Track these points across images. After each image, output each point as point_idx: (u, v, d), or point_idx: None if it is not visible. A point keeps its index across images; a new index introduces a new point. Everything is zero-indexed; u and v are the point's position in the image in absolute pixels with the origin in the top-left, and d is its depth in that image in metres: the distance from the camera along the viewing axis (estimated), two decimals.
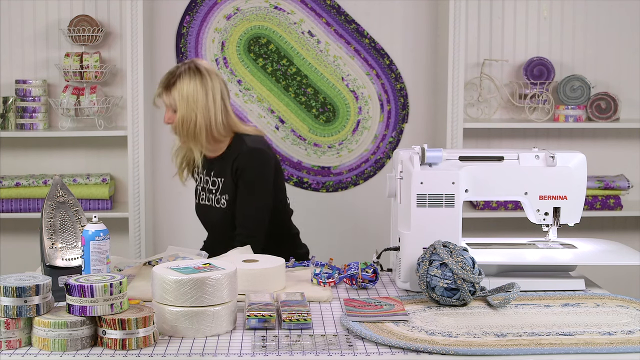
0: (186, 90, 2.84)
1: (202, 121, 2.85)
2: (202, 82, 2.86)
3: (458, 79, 3.97)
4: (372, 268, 2.47)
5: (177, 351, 1.91)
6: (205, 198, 3.00)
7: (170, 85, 2.87)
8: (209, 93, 2.86)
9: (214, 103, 2.86)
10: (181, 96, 2.84)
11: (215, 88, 2.88)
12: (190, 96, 2.84)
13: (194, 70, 2.87)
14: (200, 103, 2.85)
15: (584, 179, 2.50)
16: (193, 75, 2.86)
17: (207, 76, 2.88)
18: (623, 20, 4.24)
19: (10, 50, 4.12)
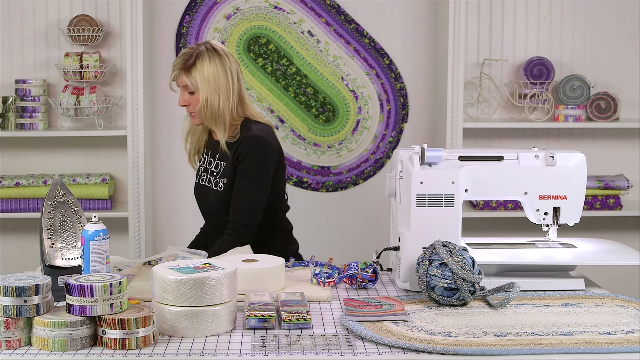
0: (207, 71, 2.78)
1: (226, 102, 2.80)
2: (221, 62, 2.80)
3: (458, 79, 3.97)
4: (372, 268, 2.47)
5: (177, 351, 1.91)
6: (205, 179, 2.94)
7: (190, 66, 2.79)
8: (229, 74, 2.81)
9: (232, 84, 2.81)
10: (203, 77, 2.78)
11: (233, 69, 2.83)
12: (212, 77, 2.78)
13: (212, 51, 2.81)
14: (222, 84, 2.79)
15: (584, 179, 2.50)
16: (212, 56, 2.80)
17: (225, 57, 2.82)
18: (623, 20, 4.24)
19: (10, 50, 4.12)
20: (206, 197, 2.94)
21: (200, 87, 2.78)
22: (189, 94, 2.83)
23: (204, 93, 2.78)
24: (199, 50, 2.81)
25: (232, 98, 2.81)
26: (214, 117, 2.80)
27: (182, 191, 4.27)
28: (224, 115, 2.80)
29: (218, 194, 2.86)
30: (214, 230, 2.91)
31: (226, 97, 2.80)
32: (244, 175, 2.79)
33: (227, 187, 2.83)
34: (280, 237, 2.96)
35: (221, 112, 2.80)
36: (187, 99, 2.83)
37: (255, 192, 2.80)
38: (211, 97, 2.78)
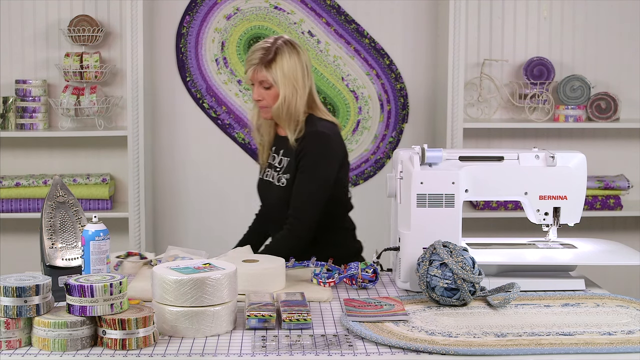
0: (287, 67, 2.74)
1: (301, 99, 2.77)
2: (299, 58, 2.77)
3: (458, 79, 3.97)
4: (372, 268, 2.47)
5: (177, 351, 1.91)
6: (269, 174, 2.91)
7: (270, 60, 2.74)
8: (305, 70, 2.78)
9: (306, 80, 2.79)
10: (283, 73, 2.74)
11: (308, 64, 2.80)
12: (292, 73, 2.75)
13: (290, 46, 2.77)
14: (299, 81, 2.76)
15: (584, 179, 2.50)
16: (291, 50, 2.76)
17: (302, 52, 2.79)
18: (623, 20, 4.24)
19: (10, 50, 4.12)
20: (268, 192, 2.92)
21: (280, 83, 2.75)
22: (264, 88, 2.78)
23: (283, 89, 2.75)
24: (278, 45, 2.77)
25: (305, 94, 2.79)
26: (289, 114, 2.77)
27: (182, 191, 4.27)
28: (298, 112, 2.78)
29: (280, 189, 2.83)
30: (275, 225, 2.87)
31: (302, 94, 2.77)
32: (304, 171, 2.75)
33: (289, 182, 2.80)
34: (343, 235, 2.93)
35: (297, 110, 2.77)
36: (262, 93, 2.78)
37: (314, 189, 2.76)
38: (289, 94, 2.75)
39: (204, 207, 4.30)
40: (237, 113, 4.24)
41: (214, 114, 4.24)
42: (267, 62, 2.75)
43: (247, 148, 4.26)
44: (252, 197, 4.27)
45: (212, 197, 4.29)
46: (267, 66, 2.75)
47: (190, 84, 4.23)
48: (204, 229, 4.28)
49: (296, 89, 2.75)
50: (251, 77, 2.79)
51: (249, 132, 4.25)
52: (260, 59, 2.75)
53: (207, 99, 4.24)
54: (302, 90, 2.77)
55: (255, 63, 2.76)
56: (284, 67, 2.74)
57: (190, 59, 4.21)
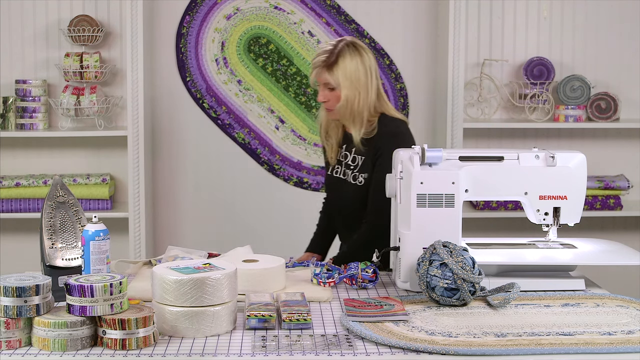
0: (349, 69, 2.80)
1: (365, 100, 2.82)
2: (362, 60, 2.83)
3: (458, 79, 3.97)
4: (372, 268, 2.47)
5: (177, 351, 1.91)
6: (340, 172, 2.94)
7: (332, 63, 2.81)
8: (368, 71, 2.83)
9: (371, 81, 2.83)
10: (345, 75, 2.80)
11: (372, 66, 2.85)
12: (354, 75, 2.81)
13: (352, 48, 2.83)
14: (362, 82, 2.81)
15: (584, 179, 2.50)
16: (353, 52, 2.82)
17: (365, 54, 2.84)
18: (623, 20, 4.24)
19: (10, 50, 4.12)
20: (340, 190, 2.95)
21: (342, 85, 2.81)
22: (329, 90, 2.84)
23: (345, 90, 2.81)
24: (340, 47, 2.82)
25: (370, 95, 2.83)
26: (352, 114, 2.83)
27: (182, 191, 4.27)
28: (362, 112, 2.83)
29: (357, 188, 2.87)
30: (344, 221, 2.91)
31: (365, 94, 2.82)
32: (382, 170, 2.76)
33: (367, 181, 2.85)
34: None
35: (360, 110, 2.82)
36: (327, 94, 2.85)
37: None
38: (351, 95, 2.81)
39: (204, 207, 4.29)
40: (237, 113, 4.25)
41: (214, 114, 4.24)
42: (329, 65, 2.81)
43: (247, 148, 4.26)
44: (252, 197, 4.29)
45: (212, 197, 4.29)
46: (329, 69, 2.82)
47: (190, 84, 4.23)
48: (204, 229, 4.28)
49: (358, 91, 2.81)
50: (314, 79, 2.87)
51: (249, 132, 4.25)
52: (323, 62, 2.82)
53: (207, 99, 4.24)
54: (364, 91, 2.82)
55: (319, 66, 2.83)
56: (346, 69, 2.81)
57: (190, 59, 4.21)
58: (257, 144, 4.27)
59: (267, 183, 4.29)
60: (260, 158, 4.27)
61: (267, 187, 4.29)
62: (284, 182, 4.29)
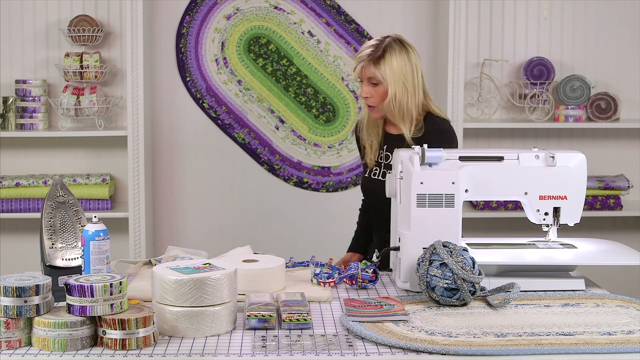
0: (396, 65, 2.75)
1: (413, 97, 2.77)
2: (408, 56, 2.78)
3: (458, 79, 3.97)
4: (372, 268, 2.47)
5: (177, 351, 1.91)
6: (379, 173, 2.89)
7: (379, 57, 2.75)
8: (414, 69, 2.78)
9: (418, 79, 2.79)
10: (392, 70, 2.74)
11: (418, 64, 2.80)
12: (401, 71, 2.75)
13: (399, 44, 2.78)
14: (409, 78, 2.76)
15: (584, 179, 2.50)
16: (400, 49, 2.77)
17: (411, 51, 2.80)
18: (623, 20, 4.24)
19: (10, 50, 4.12)
20: (379, 191, 2.85)
21: (389, 80, 2.75)
22: (372, 85, 2.79)
23: (393, 86, 2.75)
24: (387, 42, 2.77)
25: (418, 93, 2.79)
26: (401, 111, 2.77)
27: (182, 191, 4.27)
28: (410, 110, 2.78)
29: None
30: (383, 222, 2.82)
31: (413, 92, 2.77)
32: None
33: None
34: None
35: (409, 107, 2.77)
36: (370, 90, 2.79)
37: None
38: (399, 91, 2.75)
39: (204, 207, 4.30)
40: (237, 113, 4.25)
41: (214, 114, 4.25)
42: (376, 59, 2.75)
43: (247, 148, 4.26)
44: (252, 197, 4.29)
45: (212, 197, 4.29)
46: (376, 63, 2.76)
47: (190, 84, 4.23)
48: (204, 229, 4.28)
49: (406, 87, 2.76)
50: (359, 74, 2.81)
51: (249, 132, 4.25)
52: (369, 56, 2.77)
53: (207, 99, 4.24)
54: (412, 89, 2.77)
55: (364, 60, 2.77)
56: (393, 64, 2.75)
57: (190, 59, 4.22)
58: (257, 144, 4.27)
59: (267, 183, 4.29)
60: (260, 158, 4.27)
61: (267, 187, 4.29)
62: (284, 182, 4.29)
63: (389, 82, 2.75)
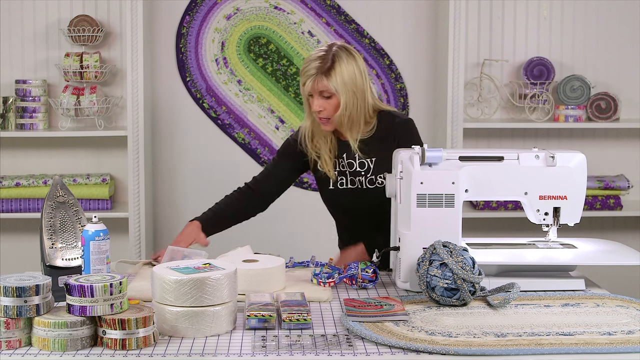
0: (347, 74, 2.67)
1: (362, 104, 2.72)
2: (356, 63, 2.71)
3: (458, 79, 3.97)
4: (372, 268, 2.47)
5: (177, 351, 1.91)
6: (346, 182, 2.82)
7: (329, 68, 2.67)
8: (363, 75, 2.72)
9: (366, 85, 2.73)
10: (343, 80, 2.67)
11: (365, 69, 2.74)
12: (352, 80, 2.68)
13: (346, 52, 2.71)
14: (359, 86, 2.70)
15: (584, 179, 2.50)
16: (348, 56, 2.70)
17: (357, 57, 2.73)
18: (623, 20, 4.24)
19: (10, 50, 4.12)
20: (355, 199, 2.82)
21: (341, 91, 2.68)
22: (324, 98, 2.70)
23: (344, 97, 2.68)
24: (334, 52, 2.70)
25: (367, 98, 2.74)
26: (351, 120, 2.72)
27: (182, 191, 4.27)
28: (359, 118, 2.73)
29: (379, 190, 2.74)
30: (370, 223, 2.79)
31: (362, 98, 2.72)
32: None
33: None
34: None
35: (358, 115, 2.72)
36: (322, 103, 2.70)
37: None
38: (350, 101, 2.69)
39: (204, 207, 4.28)
40: (237, 113, 4.25)
41: (214, 114, 4.24)
42: (326, 71, 2.67)
43: (247, 148, 4.26)
44: None
45: (212, 197, 4.27)
46: (327, 75, 2.67)
47: (190, 84, 4.23)
48: None
49: (356, 95, 2.70)
50: (310, 89, 2.71)
51: (249, 132, 4.25)
52: (318, 69, 2.68)
53: (207, 99, 4.24)
54: (361, 96, 2.71)
55: (314, 73, 2.69)
56: (344, 74, 2.68)
57: (190, 59, 4.22)
58: (257, 144, 4.27)
59: None
60: (260, 158, 4.27)
61: None
62: None
63: (340, 92, 2.68)
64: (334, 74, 2.67)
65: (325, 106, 2.71)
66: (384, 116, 2.79)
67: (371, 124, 2.79)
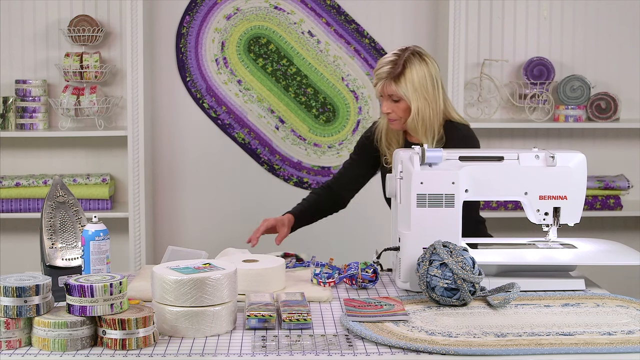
0: (417, 80, 2.73)
1: (435, 110, 2.76)
2: (428, 69, 2.76)
3: (458, 79, 3.97)
4: (372, 268, 2.47)
5: (177, 351, 1.91)
6: None
7: (399, 74, 2.74)
8: (434, 80, 2.77)
9: (438, 91, 2.77)
10: (413, 87, 2.73)
11: (438, 74, 2.79)
12: (422, 86, 2.74)
13: (418, 58, 2.76)
14: (430, 92, 2.75)
15: (584, 179, 2.50)
16: (419, 62, 2.75)
17: (430, 62, 2.78)
18: (623, 20, 4.24)
19: (10, 50, 4.12)
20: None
21: (411, 97, 2.74)
22: (393, 101, 2.78)
23: (415, 103, 2.74)
24: (405, 57, 2.76)
25: (439, 104, 2.78)
26: (424, 125, 2.76)
27: (182, 191, 4.27)
28: (433, 123, 2.77)
29: None
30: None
31: (434, 104, 2.76)
32: None
33: None
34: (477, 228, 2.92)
35: (432, 121, 2.76)
36: (391, 106, 2.78)
37: None
38: (422, 106, 2.74)
39: (203, 207, 4.30)
40: (237, 113, 4.25)
41: (214, 114, 4.25)
42: (396, 76, 2.74)
43: (247, 148, 4.26)
44: (252, 197, 4.29)
45: (212, 197, 4.29)
46: (396, 80, 2.74)
47: (190, 84, 4.23)
48: (204, 229, 4.28)
49: (427, 101, 2.75)
50: (380, 91, 2.79)
51: (249, 132, 4.25)
52: (389, 73, 2.75)
53: (207, 99, 4.24)
54: (433, 101, 2.76)
55: (384, 77, 2.76)
56: (414, 79, 2.74)
57: (190, 59, 4.22)
58: (257, 144, 4.27)
59: (267, 183, 4.29)
60: (260, 158, 4.27)
61: (267, 187, 4.29)
62: (284, 182, 4.29)
63: (410, 98, 2.74)
64: (403, 80, 2.74)
65: (393, 109, 2.79)
66: (450, 127, 2.82)
67: (440, 132, 2.82)
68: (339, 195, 3.11)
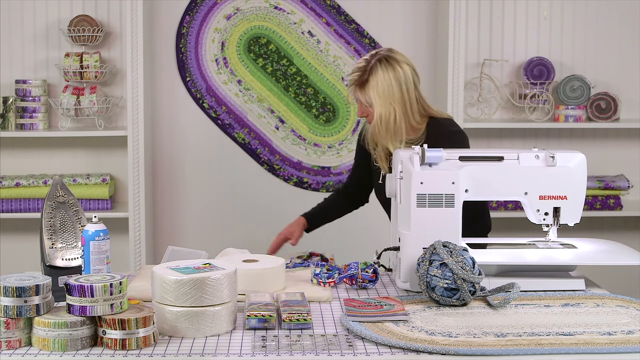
0: (381, 86, 2.73)
1: (401, 114, 2.75)
2: (395, 73, 2.74)
3: (458, 79, 3.97)
4: (372, 268, 2.47)
5: (177, 351, 1.91)
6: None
7: (364, 82, 2.75)
8: (403, 85, 2.75)
9: (408, 94, 2.76)
10: (377, 93, 2.73)
11: (407, 78, 2.76)
12: (386, 91, 2.73)
13: (385, 63, 2.75)
14: (396, 97, 2.74)
15: (584, 179, 2.50)
16: (385, 68, 2.74)
17: (398, 66, 2.76)
18: (623, 20, 4.24)
19: (10, 50, 4.12)
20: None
21: (375, 103, 2.75)
22: (365, 105, 2.80)
23: (378, 108, 2.74)
24: (372, 64, 2.76)
25: (409, 107, 2.77)
26: (389, 131, 2.76)
27: (182, 191, 4.27)
28: (400, 128, 2.76)
29: None
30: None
31: (402, 109, 2.76)
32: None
33: None
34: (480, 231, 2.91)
35: (397, 126, 2.76)
36: (364, 109, 2.81)
37: None
38: (385, 112, 2.74)
39: (204, 207, 4.30)
40: (237, 113, 4.25)
41: (214, 114, 4.24)
42: (361, 84, 2.76)
43: (247, 148, 4.26)
44: (252, 197, 4.29)
45: (212, 197, 4.29)
46: (361, 88, 2.77)
47: (190, 84, 4.23)
48: (204, 229, 4.28)
49: (393, 106, 2.74)
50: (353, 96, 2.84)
51: (249, 132, 4.25)
52: (355, 81, 2.78)
53: (207, 99, 4.24)
54: (400, 106, 2.75)
55: (352, 84, 2.79)
56: (378, 87, 2.74)
57: (190, 59, 4.22)
58: (257, 144, 4.27)
59: (267, 183, 4.29)
60: (260, 158, 4.27)
61: (267, 187, 4.29)
62: (284, 182, 4.29)
63: (375, 105, 2.75)
64: (367, 87, 2.75)
65: (367, 112, 2.81)
66: (434, 124, 2.82)
67: (420, 130, 2.81)
68: (348, 200, 3.19)
